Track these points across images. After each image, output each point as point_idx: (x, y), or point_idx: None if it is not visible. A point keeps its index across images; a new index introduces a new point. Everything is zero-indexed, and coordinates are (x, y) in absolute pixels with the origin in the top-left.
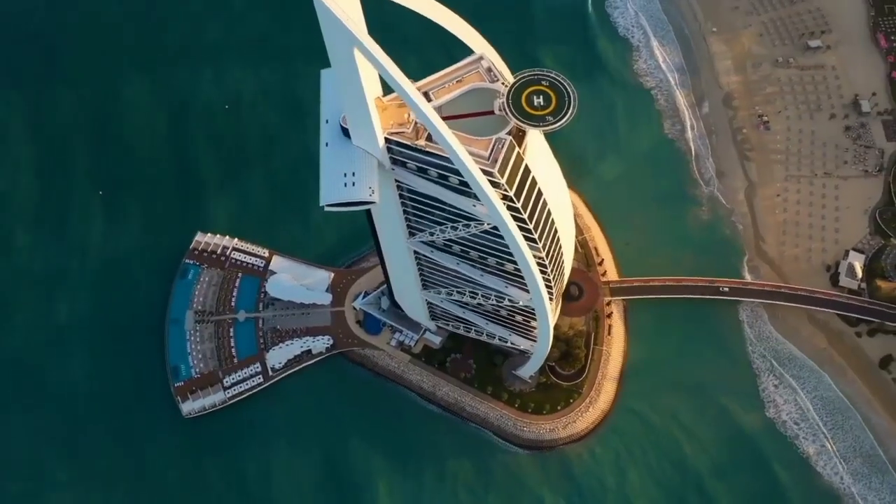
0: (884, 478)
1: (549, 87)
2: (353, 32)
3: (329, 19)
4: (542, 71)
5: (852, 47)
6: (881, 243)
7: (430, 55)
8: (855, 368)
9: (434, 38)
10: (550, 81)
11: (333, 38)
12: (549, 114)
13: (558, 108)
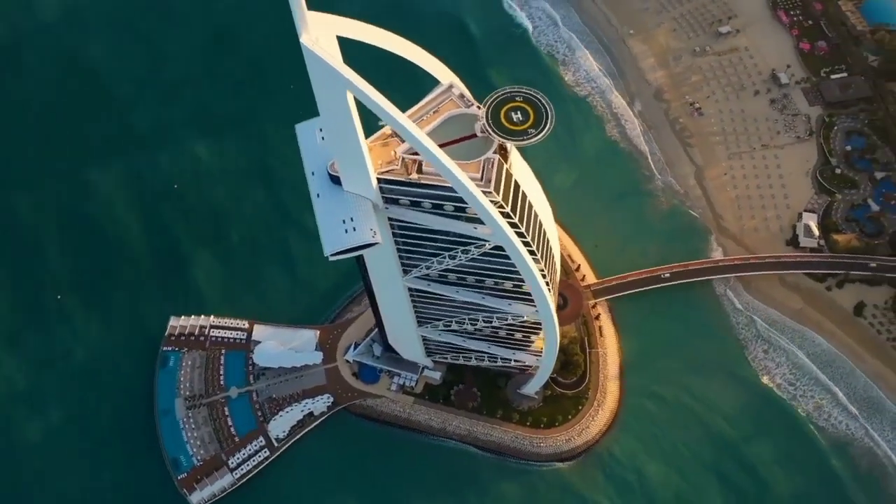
0: (883, 415)
1: (524, 102)
2: (346, 76)
3: (319, 66)
4: (513, 88)
5: (758, 27)
6: (828, 200)
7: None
8: (833, 321)
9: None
10: (524, 97)
11: (324, 85)
12: (531, 126)
13: (538, 121)
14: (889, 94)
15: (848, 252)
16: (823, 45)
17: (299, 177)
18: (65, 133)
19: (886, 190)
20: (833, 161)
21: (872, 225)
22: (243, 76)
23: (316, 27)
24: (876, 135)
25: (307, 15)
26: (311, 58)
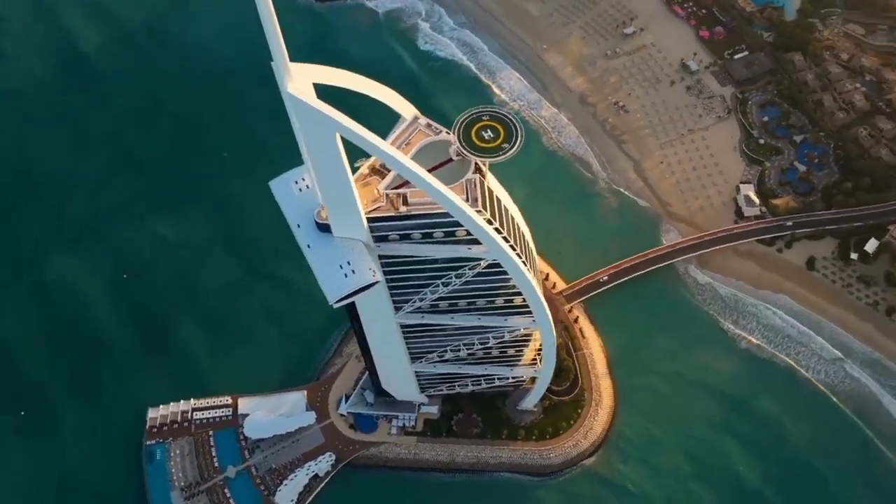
0: (854, 356)
1: (491, 120)
2: (335, 118)
3: (308, 114)
4: (478, 109)
5: (659, 23)
6: (759, 169)
7: None
8: (790, 279)
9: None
10: (490, 115)
11: (313, 131)
12: (503, 142)
13: (508, 135)
14: (789, 63)
15: (788, 213)
16: (721, 30)
17: (256, 239)
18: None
19: (807, 150)
20: (755, 133)
21: (804, 184)
22: (178, 149)
23: (297, 77)
24: (787, 102)
25: (291, 66)
26: (299, 106)
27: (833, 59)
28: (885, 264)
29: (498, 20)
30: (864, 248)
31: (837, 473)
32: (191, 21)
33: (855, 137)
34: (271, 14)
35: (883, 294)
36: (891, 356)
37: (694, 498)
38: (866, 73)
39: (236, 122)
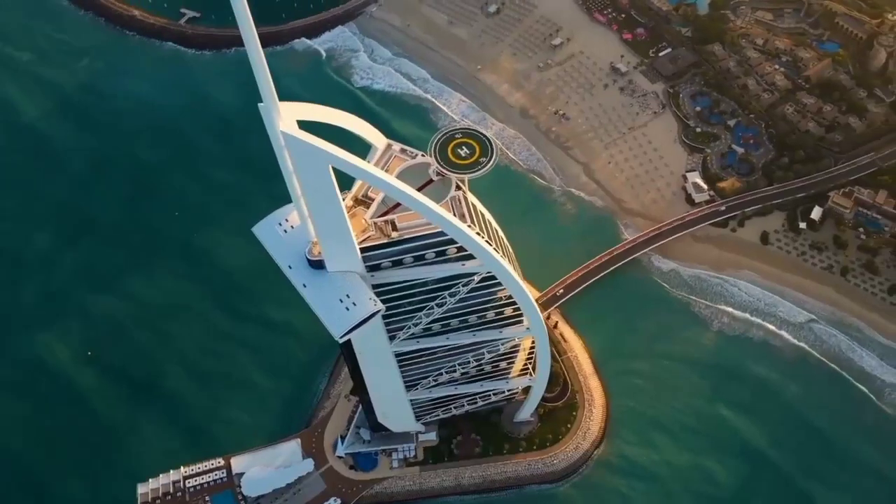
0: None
1: (464, 137)
2: (329, 151)
3: (301, 149)
4: (450, 129)
5: (583, 32)
6: (700, 157)
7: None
8: (748, 256)
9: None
10: (462, 133)
11: (307, 166)
12: (479, 157)
13: (483, 150)
14: (710, 55)
15: (735, 194)
16: (642, 31)
17: (226, 289)
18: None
19: (742, 133)
20: (691, 123)
21: (744, 165)
22: (133, 207)
23: (285, 115)
24: (715, 91)
25: (280, 105)
26: (292, 143)
27: (749, 46)
28: (832, 228)
29: (430, 48)
30: (811, 217)
31: (830, 423)
32: (130, 79)
33: (783, 115)
34: (260, 57)
35: (835, 257)
36: (853, 313)
37: (701, 466)
38: (781, 54)
39: (189, 174)
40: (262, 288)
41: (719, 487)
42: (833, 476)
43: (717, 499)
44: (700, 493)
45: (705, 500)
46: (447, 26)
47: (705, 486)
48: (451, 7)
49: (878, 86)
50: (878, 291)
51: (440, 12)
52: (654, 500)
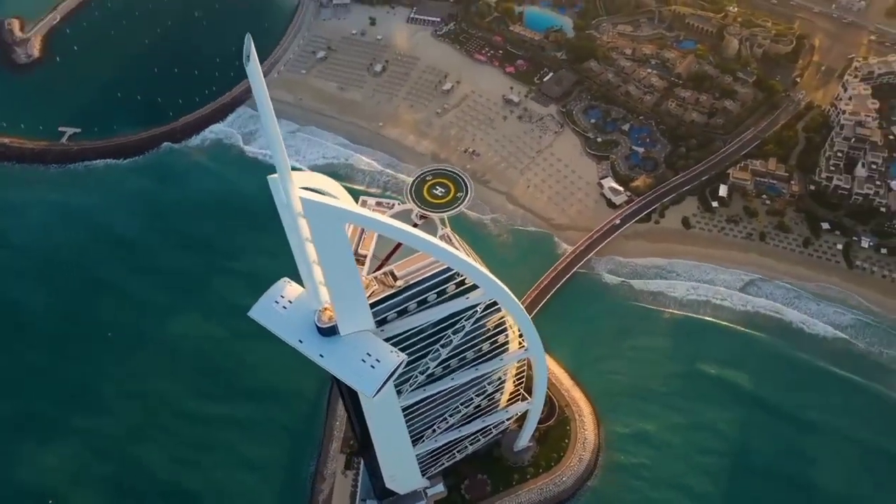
0: (759, 287)
1: (435, 177)
2: (344, 207)
3: (316, 210)
4: (422, 171)
5: (469, 73)
6: (607, 163)
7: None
8: (675, 241)
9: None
10: (432, 174)
11: (322, 227)
12: (456, 193)
13: (458, 186)
14: (589, 71)
15: (649, 189)
16: (522, 62)
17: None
18: None
19: (637, 134)
20: (590, 135)
21: (649, 162)
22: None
23: (295, 184)
24: (602, 102)
25: (294, 175)
26: (310, 207)
27: (620, 56)
28: (740, 201)
29: (329, 116)
30: (720, 195)
31: (787, 384)
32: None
33: (667, 111)
34: (275, 127)
35: (750, 225)
36: (781, 271)
37: (693, 437)
38: (650, 59)
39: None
40: (222, 382)
41: (718, 440)
42: (808, 415)
43: (720, 451)
44: (703, 459)
45: (711, 463)
46: (339, 92)
47: (705, 447)
48: (338, 74)
49: (738, 70)
50: (795, 246)
51: (329, 80)
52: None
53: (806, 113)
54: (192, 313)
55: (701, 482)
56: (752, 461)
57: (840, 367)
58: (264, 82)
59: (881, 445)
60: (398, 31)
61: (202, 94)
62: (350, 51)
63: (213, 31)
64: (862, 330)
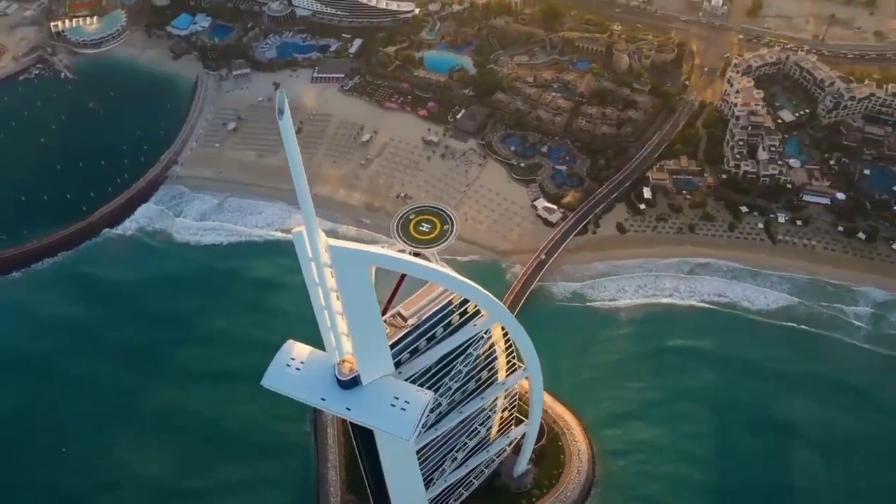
0: (702, 277)
1: (417, 215)
2: (370, 250)
3: (345, 256)
4: (404, 210)
5: (384, 121)
6: (536, 186)
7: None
8: (615, 247)
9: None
10: (415, 211)
11: (348, 272)
12: (443, 226)
13: (442, 220)
14: (498, 102)
15: (580, 203)
16: (433, 105)
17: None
18: None
19: (557, 154)
20: (513, 162)
21: (574, 178)
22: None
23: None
24: (517, 129)
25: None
26: (338, 254)
27: (525, 85)
28: (664, 199)
29: (252, 184)
30: (644, 197)
31: (747, 348)
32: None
33: (579, 128)
34: (304, 183)
35: (678, 221)
36: (714, 256)
37: (680, 418)
38: (552, 83)
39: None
40: (203, 453)
41: (698, 409)
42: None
43: (702, 419)
44: (689, 432)
45: (697, 433)
46: (259, 160)
47: (688, 420)
48: (253, 142)
49: (633, 81)
50: (722, 232)
51: (245, 150)
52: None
53: (701, 111)
54: (158, 389)
55: (692, 458)
56: (734, 419)
57: (792, 321)
58: (295, 136)
59: (838, 378)
60: (305, 92)
61: (114, 183)
62: (261, 118)
63: (111, 119)
64: (798, 292)
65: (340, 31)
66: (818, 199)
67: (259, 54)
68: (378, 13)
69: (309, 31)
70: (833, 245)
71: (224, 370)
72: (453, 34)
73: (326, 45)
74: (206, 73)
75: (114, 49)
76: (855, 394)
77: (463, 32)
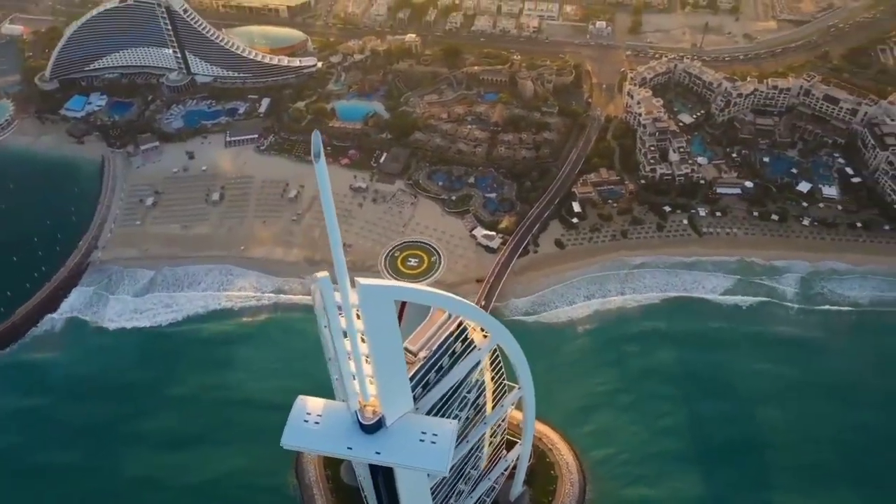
0: (642, 277)
1: (404, 251)
2: (394, 285)
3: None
4: (390, 248)
5: (308, 175)
6: (471, 216)
7: None
8: (558, 262)
9: None
10: (399, 249)
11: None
12: (430, 258)
13: (428, 252)
14: (417, 142)
15: (516, 226)
16: (353, 152)
17: None
18: None
19: (484, 183)
20: (444, 197)
21: (505, 204)
22: None
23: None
24: (441, 165)
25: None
26: (367, 291)
27: (440, 121)
28: (593, 210)
29: (183, 256)
30: (575, 211)
31: (702, 328)
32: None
33: (500, 156)
34: (337, 231)
35: (610, 229)
36: (651, 257)
37: (651, 408)
38: (466, 116)
39: None
40: None
41: (665, 388)
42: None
43: (671, 397)
44: (662, 415)
45: (668, 412)
46: (185, 231)
47: (660, 401)
48: (176, 214)
49: (541, 105)
50: (653, 233)
51: (169, 223)
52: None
53: (609, 125)
54: (126, 469)
55: (670, 439)
56: (698, 392)
57: (734, 298)
58: (329, 180)
59: (782, 333)
60: (221, 158)
61: (32, 278)
62: (179, 189)
63: (15, 212)
64: (733, 274)
65: (246, 93)
66: (730, 191)
67: (165, 126)
68: (281, 71)
69: (213, 97)
70: (752, 229)
71: (190, 437)
72: (360, 82)
73: (234, 108)
74: (111, 152)
75: (5, 140)
76: (797, 347)
77: (369, 80)
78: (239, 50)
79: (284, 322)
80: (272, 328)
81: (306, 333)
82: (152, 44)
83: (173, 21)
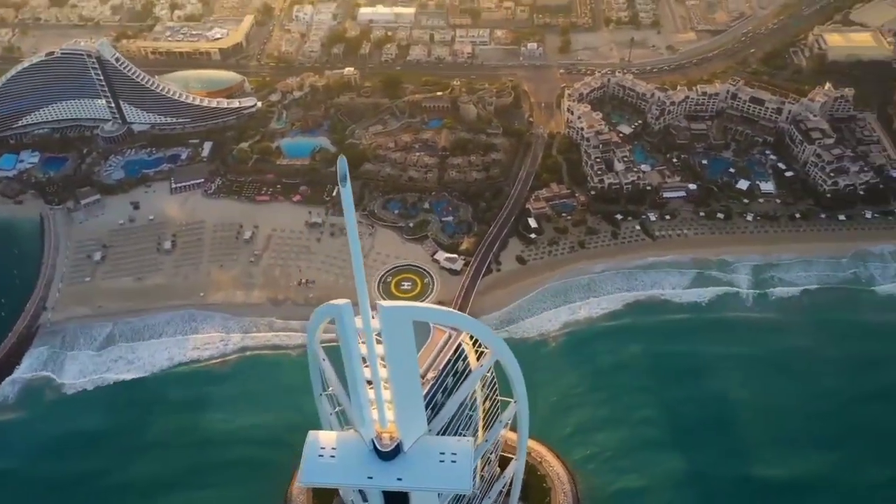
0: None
1: (397, 274)
2: (411, 305)
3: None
4: (382, 273)
5: (261, 215)
6: (430, 240)
7: None
8: (521, 279)
9: None
10: (391, 273)
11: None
12: (423, 280)
13: (420, 275)
14: (368, 172)
15: (476, 247)
16: (304, 188)
17: None
18: None
19: (440, 207)
20: (401, 224)
21: (463, 225)
22: None
23: None
24: (394, 192)
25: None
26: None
27: (388, 151)
28: (549, 225)
29: (140, 309)
30: (532, 226)
31: (671, 323)
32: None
33: (452, 180)
34: (360, 256)
35: (568, 241)
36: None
37: (633, 405)
38: (413, 144)
39: None
40: None
41: (644, 381)
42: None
43: (650, 390)
44: (643, 409)
45: (649, 404)
46: (139, 283)
47: (642, 399)
48: (127, 267)
49: (486, 127)
50: (609, 241)
51: (120, 277)
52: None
53: (552, 141)
54: None
55: (649, 429)
56: (675, 389)
57: (694, 294)
58: (353, 202)
59: (740, 319)
60: (168, 205)
61: None
62: (128, 241)
63: None
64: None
65: (186, 138)
66: (675, 194)
67: (105, 178)
68: (221, 113)
69: (152, 145)
70: (701, 229)
71: (167, 484)
72: (302, 119)
73: (176, 154)
74: (49, 209)
75: None
76: (756, 329)
77: (311, 115)
78: (175, 95)
79: (254, 362)
80: (241, 370)
81: (278, 372)
82: (84, 95)
83: (105, 70)
